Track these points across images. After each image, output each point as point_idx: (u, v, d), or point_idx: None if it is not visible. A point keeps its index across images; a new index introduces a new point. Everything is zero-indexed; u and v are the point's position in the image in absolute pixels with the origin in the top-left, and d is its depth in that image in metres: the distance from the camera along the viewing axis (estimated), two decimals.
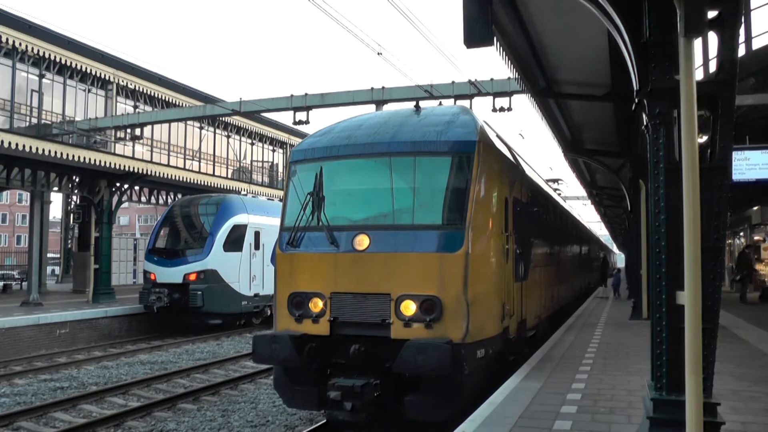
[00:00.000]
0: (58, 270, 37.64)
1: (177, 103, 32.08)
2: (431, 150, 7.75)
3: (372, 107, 18.36)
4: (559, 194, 23.08)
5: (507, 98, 17.41)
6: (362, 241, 7.54)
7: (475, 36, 6.04)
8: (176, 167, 28.81)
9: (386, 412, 7.28)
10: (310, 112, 19.13)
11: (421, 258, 7.31)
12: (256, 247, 20.40)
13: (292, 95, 19.53)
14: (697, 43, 4.40)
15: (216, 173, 33.50)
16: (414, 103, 9.42)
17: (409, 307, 7.17)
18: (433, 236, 7.40)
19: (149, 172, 22.08)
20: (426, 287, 7.17)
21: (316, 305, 7.65)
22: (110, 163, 20.22)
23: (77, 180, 21.68)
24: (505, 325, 8.40)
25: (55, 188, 22.16)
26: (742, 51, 9.52)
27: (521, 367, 9.00)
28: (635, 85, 4.88)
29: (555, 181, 27.26)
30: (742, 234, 30.59)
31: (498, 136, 9.64)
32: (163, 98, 31.93)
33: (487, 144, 8.14)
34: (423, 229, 7.46)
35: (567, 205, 22.64)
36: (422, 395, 7.09)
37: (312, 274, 7.82)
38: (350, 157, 8.14)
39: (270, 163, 39.54)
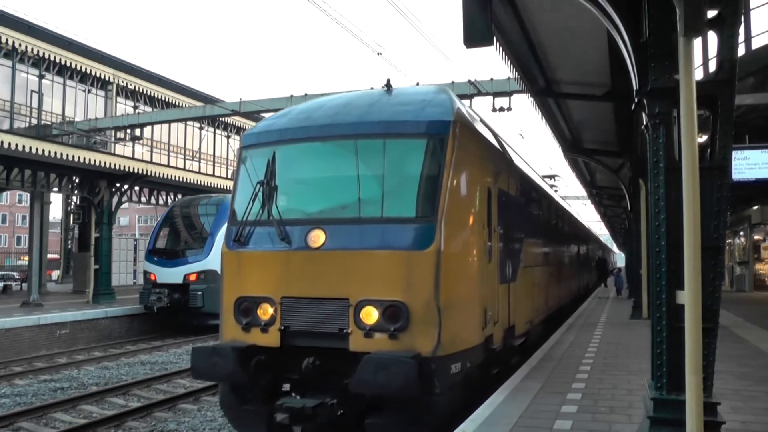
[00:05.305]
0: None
1: (177, 104, 32.09)
2: (397, 131, 6.79)
3: None
4: (555, 191, 22.93)
5: (507, 98, 17.42)
6: (317, 237, 6.58)
7: (474, 36, 6.02)
8: (176, 168, 28.82)
9: None
10: None
11: (384, 257, 6.33)
12: None
13: (291, 95, 19.54)
14: (697, 42, 4.40)
15: (216, 173, 33.52)
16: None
17: (371, 315, 6.25)
18: (398, 231, 6.42)
19: (149, 173, 22.09)
20: (390, 291, 6.23)
21: (266, 312, 6.73)
22: (110, 164, 20.23)
23: (77, 180, 21.71)
24: (488, 334, 7.39)
25: (55, 189, 22.18)
26: (741, 50, 9.53)
27: (521, 367, 8.94)
28: (635, 85, 4.88)
29: (552, 177, 27.20)
30: (742, 233, 30.61)
31: (482, 120, 8.76)
32: (163, 98, 31.95)
33: (465, 125, 7.12)
34: (387, 222, 6.49)
35: (563, 201, 21.91)
36: (386, 418, 6.19)
37: (261, 275, 6.89)
38: (306, 140, 7.19)
39: None
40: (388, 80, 7.98)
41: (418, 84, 9.78)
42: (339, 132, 7.03)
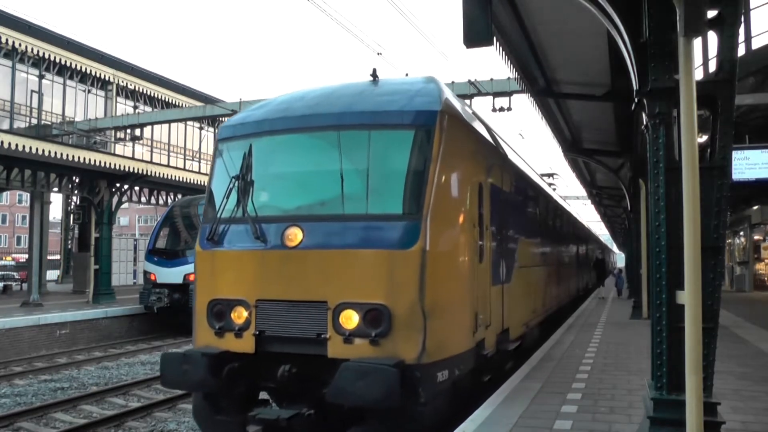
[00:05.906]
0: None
1: (177, 104, 32.11)
2: (382, 122, 6.37)
3: None
4: (554, 189, 22.79)
5: (507, 98, 17.45)
6: (294, 236, 6.15)
7: (474, 36, 6.00)
8: (176, 168, 28.84)
9: None
10: None
11: (364, 256, 5.92)
12: None
13: None
14: (697, 42, 4.40)
15: None
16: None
17: (351, 319, 5.84)
18: (379, 229, 5.99)
19: (149, 173, 22.10)
20: (371, 293, 5.82)
21: (240, 315, 6.31)
22: (110, 164, 20.24)
23: (77, 180, 21.73)
24: (479, 338, 6.97)
25: (55, 189, 22.21)
26: (741, 50, 9.53)
27: (521, 368, 8.93)
28: (635, 85, 4.88)
29: (550, 175, 27.13)
30: (742, 233, 30.62)
31: (474, 112, 8.45)
32: (163, 98, 31.97)
33: (454, 116, 6.68)
34: (368, 220, 6.09)
35: (561, 199, 21.44)
36: (368, 428, 5.81)
37: (235, 276, 6.50)
38: (285, 132, 6.76)
39: None
40: (374, 70, 7.40)
41: (407, 75, 9.51)
42: (320, 123, 6.60)
